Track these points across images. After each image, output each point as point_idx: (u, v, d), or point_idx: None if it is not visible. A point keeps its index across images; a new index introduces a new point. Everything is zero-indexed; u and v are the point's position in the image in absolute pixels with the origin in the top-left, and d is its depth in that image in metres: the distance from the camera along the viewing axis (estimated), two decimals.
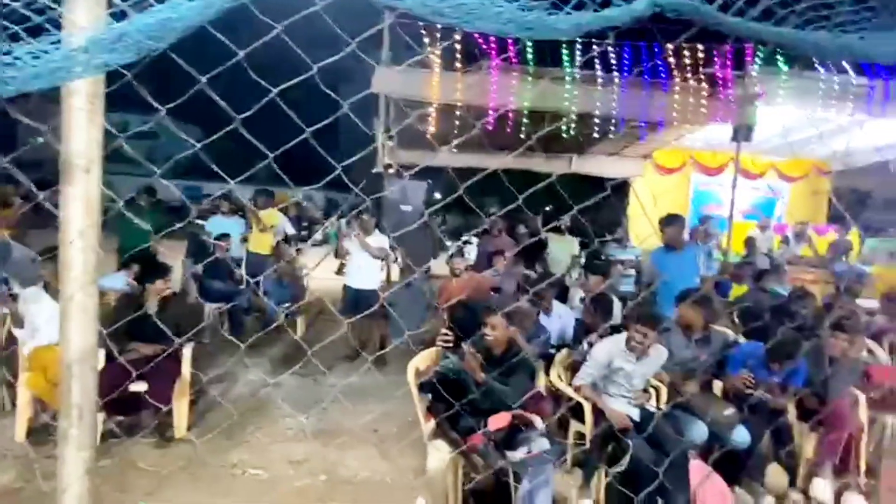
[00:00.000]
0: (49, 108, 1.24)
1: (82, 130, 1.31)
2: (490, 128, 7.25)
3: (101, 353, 3.19)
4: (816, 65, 6.54)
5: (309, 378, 4.46)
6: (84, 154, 1.33)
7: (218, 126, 1.25)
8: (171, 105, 1.07)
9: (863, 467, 3.03)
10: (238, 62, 1.10)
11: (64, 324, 1.39)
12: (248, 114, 1.06)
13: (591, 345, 3.14)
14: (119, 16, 1.01)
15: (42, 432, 3.17)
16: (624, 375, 2.98)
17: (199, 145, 1.16)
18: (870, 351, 3.98)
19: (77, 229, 1.37)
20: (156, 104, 1.05)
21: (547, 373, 3.39)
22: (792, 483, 2.99)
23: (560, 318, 4.09)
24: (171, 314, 3.25)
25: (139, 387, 3.09)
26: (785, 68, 6.61)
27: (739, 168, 7.36)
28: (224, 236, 5.77)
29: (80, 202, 1.37)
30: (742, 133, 6.93)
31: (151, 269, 3.34)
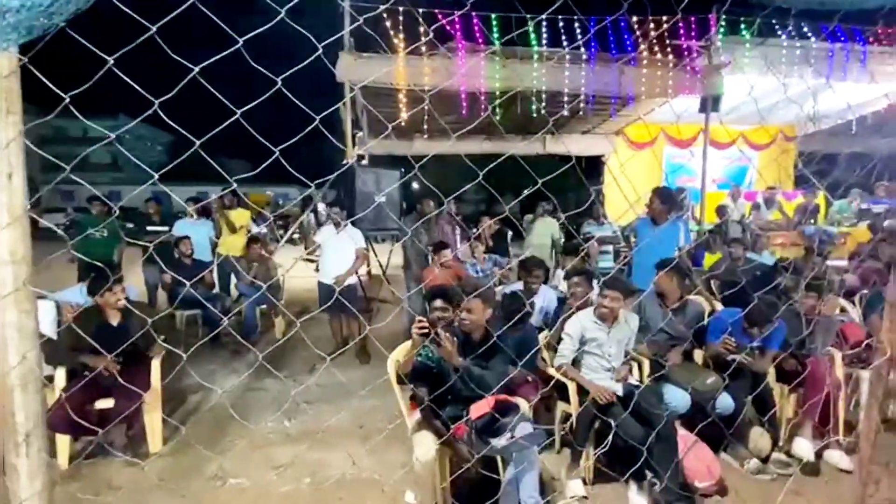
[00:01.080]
0: None
1: None
2: (462, 112, 7.13)
3: (62, 372, 3.03)
4: (779, 31, 6.60)
5: (289, 380, 4.35)
6: (3, 157, 1.21)
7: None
8: (75, 92, 0.95)
9: (842, 424, 3.10)
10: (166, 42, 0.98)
11: None
12: (166, 98, 0.95)
13: (566, 319, 3.13)
14: None
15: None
16: (598, 345, 2.99)
17: (104, 137, 1.04)
18: (842, 309, 4.07)
19: (2, 241, 1.25)
20: (60, 93, 0.93)
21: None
22: (775, 445, 3.04)
23: (542, 299, 4.06)
24: (134, 325, 3.09)
25: (106, 403, 2.95)
26: (748, 36, 6.65)
27: (709, 139, 7.44)
28: (184, 238, 5.56)
29: (4, 211, 1.25)
30: (710, 103, 6.99)
31: (102, 279, 3.15)
